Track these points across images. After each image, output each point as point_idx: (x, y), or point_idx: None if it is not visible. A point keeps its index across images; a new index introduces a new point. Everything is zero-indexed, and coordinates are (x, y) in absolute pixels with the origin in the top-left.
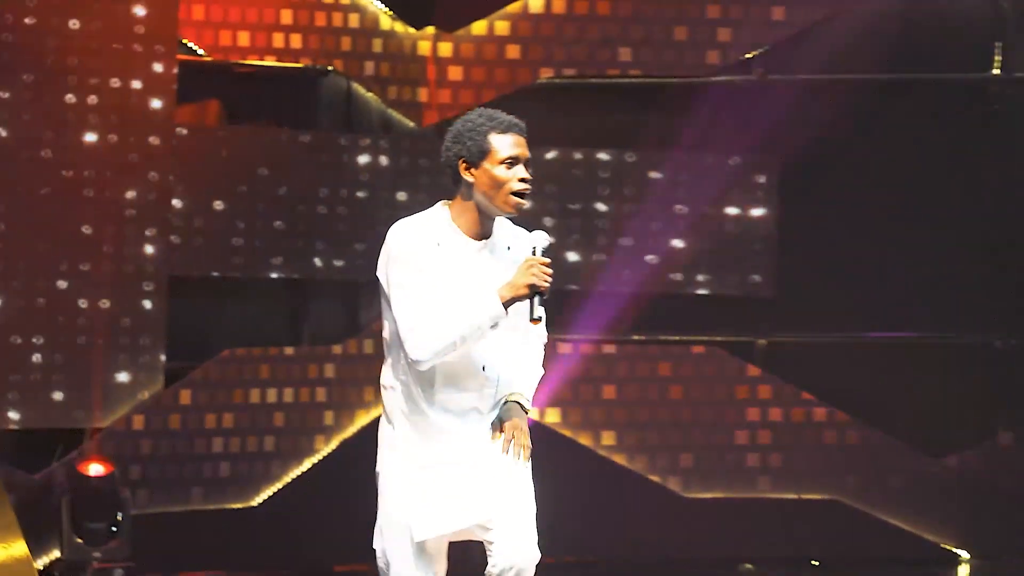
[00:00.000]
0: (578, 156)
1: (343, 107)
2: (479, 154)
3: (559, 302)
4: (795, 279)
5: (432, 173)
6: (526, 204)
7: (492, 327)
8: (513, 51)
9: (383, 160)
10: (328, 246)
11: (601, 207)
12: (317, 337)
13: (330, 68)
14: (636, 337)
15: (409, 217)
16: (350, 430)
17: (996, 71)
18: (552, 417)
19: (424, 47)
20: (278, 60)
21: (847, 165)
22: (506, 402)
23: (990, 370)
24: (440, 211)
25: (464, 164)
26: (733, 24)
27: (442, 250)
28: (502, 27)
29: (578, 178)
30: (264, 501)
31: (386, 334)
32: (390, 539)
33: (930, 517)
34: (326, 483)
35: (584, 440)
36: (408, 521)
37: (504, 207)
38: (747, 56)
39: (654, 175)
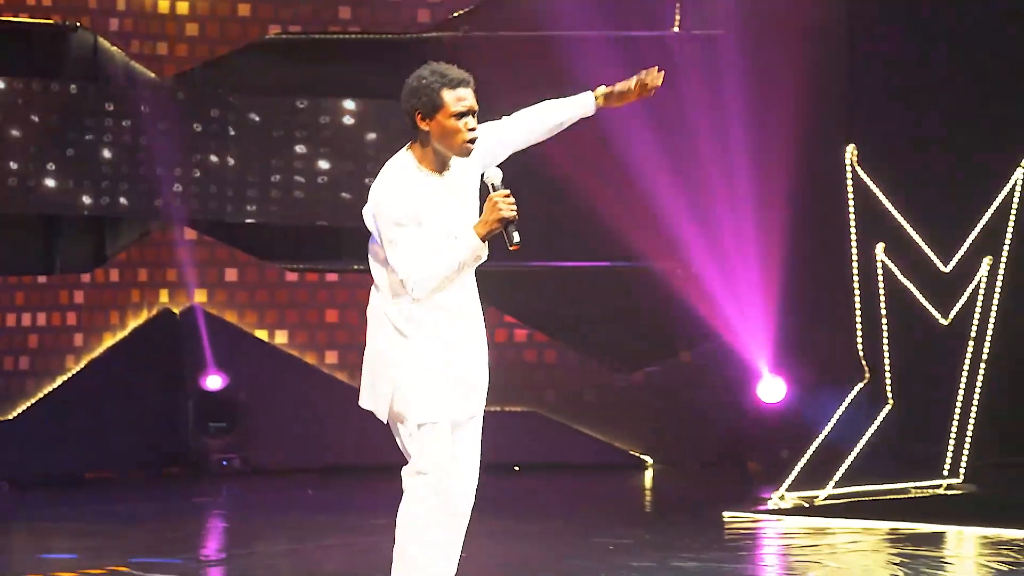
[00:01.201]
0: (301, 105)
1: (91, 60)
2: (432, 108)
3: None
4: None
5: (169, 118)
6: (474, 147)
7: (476, 260)
8: (244, 9)
9: (127, 107)
10: (76, 185)
11: (324, 149)
12: (67, 267)
13: (78, 24)
14: (356, 267)
15: (383, 173)
16: (98, 350)
17: (675, 29)
18: (280, 339)
19: (164, 5)
20: (30, 17)
21: None
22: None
23: (673, 295)
24: (406, 156)
25: (420, 116)
26: None
27: (418, 194)
28: None
29: (302, 123)
30: (19, 415)
31: (375, 264)
32: (420, 414)
33: (620, 427)
34: (76, 398)
35: (310, 359)
36: (435, 396)
37: (457, 152)
38: (454, 15)
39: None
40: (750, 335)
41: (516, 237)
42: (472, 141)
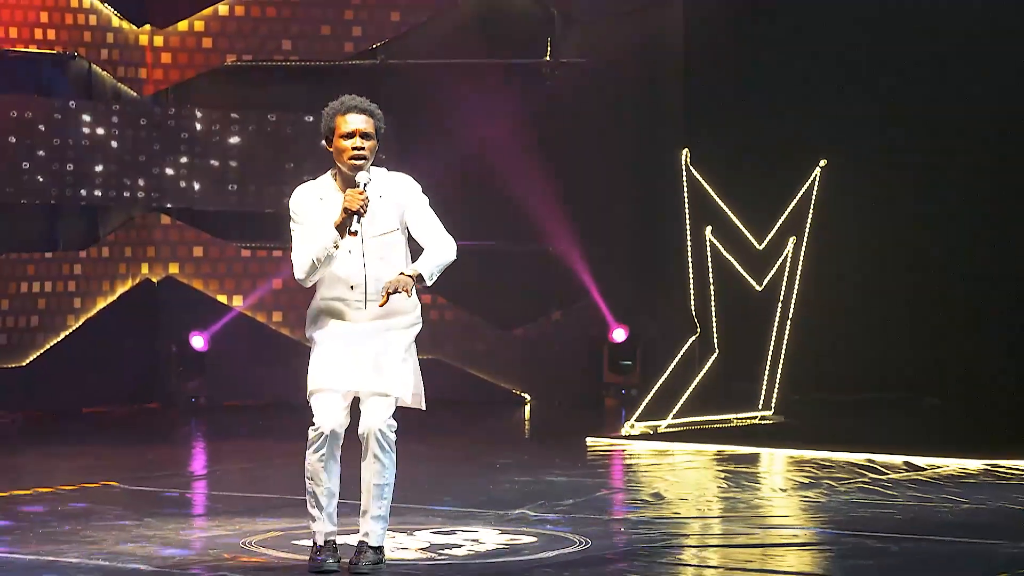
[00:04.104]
0: (249, 114)
1: (86, 82)
2: (329, 132)
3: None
4: None
5: (148, 128)
6: (360, 163)
7: (336, 247)
8: (207, 42)
9: (115, 119)
10: (76, 179)
11: (270, 152)
12: (68, 245)
13: (76, 54)
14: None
15: (307, 182)
16: (92, 311)
17: (548, 57)
18: (237, 302)
19: (143, 39)
20: (39, 48)
21: (446, 125)
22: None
23: (545, 269)
24: (328, 175)
25: (325, 141)
26: (363, 23)
27: (323, 202)
28: (199, 25)
29: (251, 132)
30: (31, 361)
31: None
32: (312, 384)
33: (505, 371)
34: (75, 349)
35: (260, 318)
36: (319, 373)
37: (346, 167)
38: (373, 47)
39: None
40: (608, 300)
41: (354, 226)
42: (355, 158)
